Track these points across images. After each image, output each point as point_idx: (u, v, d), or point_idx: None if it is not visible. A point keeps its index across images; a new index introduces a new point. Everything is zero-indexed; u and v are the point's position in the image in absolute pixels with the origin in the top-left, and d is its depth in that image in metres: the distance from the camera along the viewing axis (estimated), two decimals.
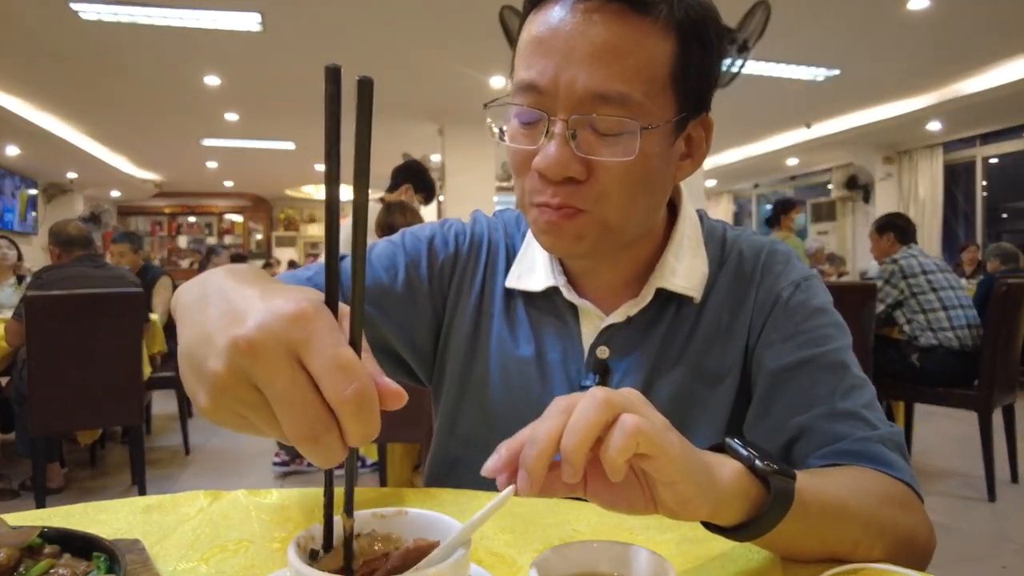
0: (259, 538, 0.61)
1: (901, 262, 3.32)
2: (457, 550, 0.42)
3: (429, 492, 0.74)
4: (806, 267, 0.81)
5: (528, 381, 0.80)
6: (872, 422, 0.70)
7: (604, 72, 0.62)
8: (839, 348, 0.74)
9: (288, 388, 0.36)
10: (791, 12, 4.17)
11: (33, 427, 2.71)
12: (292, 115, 7.97)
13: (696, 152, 0.74)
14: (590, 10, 0.62)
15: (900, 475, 0.66)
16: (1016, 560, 2.40)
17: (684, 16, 0.65)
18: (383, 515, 0.50)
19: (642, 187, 0.67)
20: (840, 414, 0.69)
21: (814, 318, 0.75)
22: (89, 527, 0.56)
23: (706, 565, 0.55)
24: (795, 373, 0.72)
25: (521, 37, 0.68)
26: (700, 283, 0.77)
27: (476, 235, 0.87)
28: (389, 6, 4.77)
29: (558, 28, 0.63)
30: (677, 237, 0.78)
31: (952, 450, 3.68)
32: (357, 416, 0.36)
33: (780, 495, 0.51)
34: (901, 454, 0.69)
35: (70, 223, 3.44)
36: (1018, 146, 8.50)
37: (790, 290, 0.76)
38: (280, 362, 0.36)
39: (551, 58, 0.63)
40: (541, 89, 0.64)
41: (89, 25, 5.12)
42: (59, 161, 9.67)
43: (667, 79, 0.65)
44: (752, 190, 13.14)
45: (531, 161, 0.66)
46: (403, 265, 0.82)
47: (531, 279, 0.80)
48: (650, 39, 0.63)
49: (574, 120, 0.63)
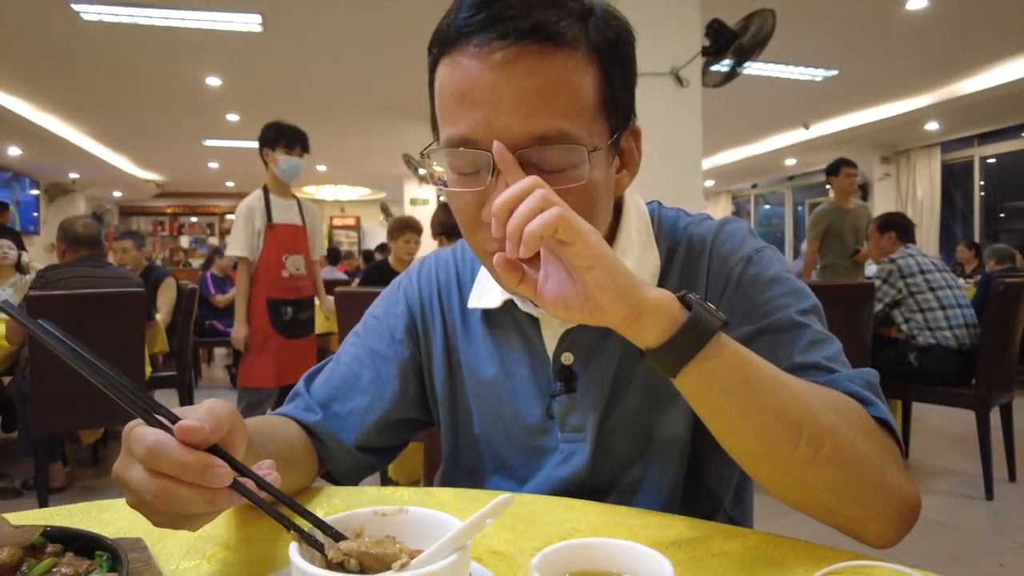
0: (261, 537, 0.62)
1: (899, 261, 3.32)
2: (455, 552, 0.43)
3: (429, 492, 0.75)
4: (758, 240, 0.78)
5: (499, 402, 0.81)
6: (835, 368, 0.67)
7: (538, 114, 0.60)
8: (797, 311, 0.71)
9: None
10: (789, 13, 4.17)
11: (35, 427, 2.71)
12: (293, 115, 7.90)
13: (631, 162, 0.74)
14: (509, 58, 0.59)
15: (873, 411, 0.64)
16: (1014, 558, 2.41)
17: (602, 41, 0.64)
18: (384, 513, 0.50)
19: (592, 213, 0.65)
20: (801, 367, 0.67)
21: (768, 289, 0.73)
22: (91, 526, 0.57)
23: (706, 565, 0.55)
24: (752, 344, 0.68)
25: (438, 90, 0.65)
26: (652, 275, 0.76)
27: (424, 281, 0.89)
28: (389, 7, 4.78)
29: (479, 79, 0.60)
30: (622, 235, 0.77)
31: (950, 449, 3.68)
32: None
33: (698, 323, 0.54)
34: (874, 392, 0.66)
35: (79, 221, 3.39)
36: (1016, 146, 8.50)
37: (741, 265, 0.74)
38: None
39: (480, 110, 0.61)
40: (476, 142, 0.61)
41: (91, 26, 5.12)
42: (61, 161, 9.67)
43: (598, 105, 0.64)
44: (750, 190, 13.14)
45: (478, 210, 0.64)
46: (375, 355, 0.86)
47: (489, 296, 0.80)
48: (575, 73, 0.62)
49: (519, 154, 0.60)
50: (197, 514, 0.48)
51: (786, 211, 12.25)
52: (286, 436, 0.78)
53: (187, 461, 0.45)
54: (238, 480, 0.47)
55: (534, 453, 0.80)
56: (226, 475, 0.46)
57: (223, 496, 0.47)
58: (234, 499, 0.47)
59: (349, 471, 0.84)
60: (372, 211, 15.06)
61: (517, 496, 0.74)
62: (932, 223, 9.31)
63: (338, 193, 14.32)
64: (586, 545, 0.46)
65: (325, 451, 0.82)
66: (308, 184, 13.68)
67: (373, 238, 14.47)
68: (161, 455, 0.45)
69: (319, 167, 11.73)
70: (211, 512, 0.48)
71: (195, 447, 0.46)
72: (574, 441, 0.78)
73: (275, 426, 0.79)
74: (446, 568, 0.42)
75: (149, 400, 0.49)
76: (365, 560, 0.45)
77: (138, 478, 0.46)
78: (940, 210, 9.33)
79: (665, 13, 3.38)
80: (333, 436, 0.82)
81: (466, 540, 0.44)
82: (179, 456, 0.45)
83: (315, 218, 3.49)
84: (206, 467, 0.45)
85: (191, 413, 0.49)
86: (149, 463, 0.46)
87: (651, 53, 3.35)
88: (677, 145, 3.43)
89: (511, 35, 0.59)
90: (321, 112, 7.76)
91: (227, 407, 0.51)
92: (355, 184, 13.69)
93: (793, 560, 0.56)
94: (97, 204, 13.01)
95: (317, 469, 0.82)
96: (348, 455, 0.83)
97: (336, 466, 0.83)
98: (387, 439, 0.87)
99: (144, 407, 0.48)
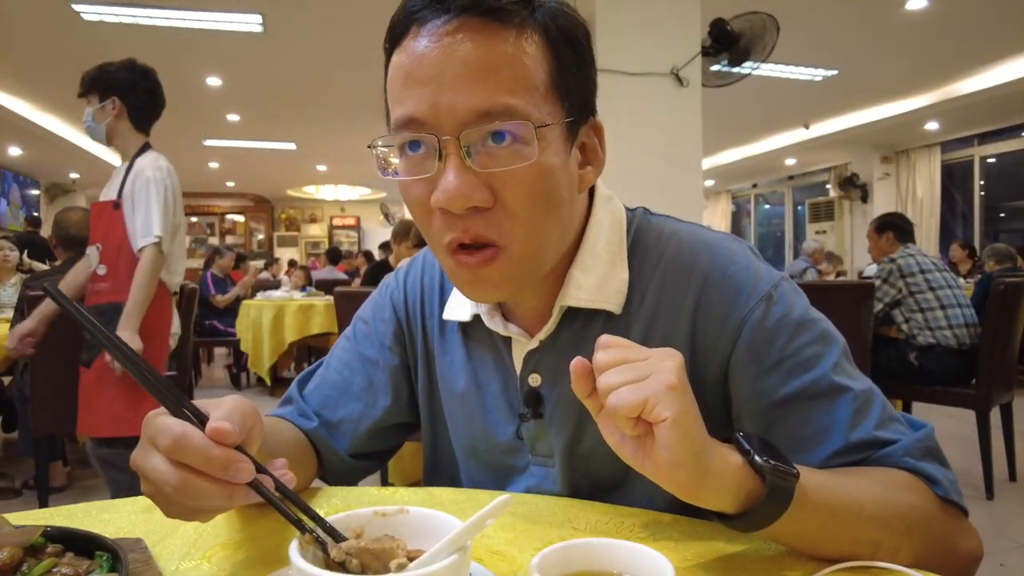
0: (261, 536, 0.62)
1: (899, 261, 3.32)
2: (455, 552, 0.43)
3: (429, 492, 0.75)
4: (769, 269, 0.71)
5: (470, 416, 0.80)
6: (889, 439, 0.64)
7: (483, 88, 0.58)
8: (831, 366, 0.66)
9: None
10: (789, 13, 4.17)
11: (35, 427, 2.71)
12: (293, 116, 7.97)
13: (594, 159, 0.70)
14: (451, 31, 0.59)
15: (939, 490, 0.63)
16: (1014, 558, 2.41)
17: (550, 22, 0.62)
18: (384, 513, 0.50)
19: (548, 204, 0.63)
20: (855, 448, 0.64)
21: (797, 337, 0.66)
22: (91, 526, 0.57)
23: (706, 565, 0.55)
24: (789, 408, 0.66)
25: (389, 79, 0.64)
26: (618, 291, 0.71)
27: (409, 286, 0.87)
28: (389, 7, 4.77)
29: (424, 56, 0.59)
30: (587, 246, 0.72)
31: (950, 449, 3.63)
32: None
33: (776, 492, 0.51)
34: (935, 458, 0.64)
35: (74, 217, 3.16)
36: (1016, 145, 8.50)
37: (762, 308, 0.67)
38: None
39: (424, 87, 0.59)
40: (421, 121, 0.60)
41: (91, 26, 5.12)
42: (61, 161, 9.67)
43: (548, 87, 0.62)
44: (751, 190, 13.14)
45: (428, 200, 0.61)
46: (366, 361, 0.85)
47: (461, 308, 0.78)
48: (521, 50, 0.60)
49: (466, 135, 0.58)
50: (212, 507, 0.49)
51: (786, 211, 12.25)
52: (286, 436, 0.78)
53: (213, 455, 0.46)
54: (256, 478, 0.48)
55: (505, 471, 0.79)
56: (248, 471, 0.47)
57: (241, 492, 0.47)
58: (251, 496, 0.48)
59: (343, 478, 0.84)
60: (372, 211, 15.06)
61: (517, 496, 0.74)
62: (932, 223, 9.32)
63: (338, 193, 14.32)
64: (586, 545, 0.46)
65: (319, 458, 0.82)
66: (308, 184, 13.69)
67: (373, 238, 14.47)
68: (187, 447, 0.46)
69: (319, 167, 11.74)
70: (227, 506, 0.49)
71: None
72: (544, 465, 0.76)
73: (276, 425, 0.79)
74: (446, 568, 0.42)
75: (176, 392, 0.50)
76: (364, 557, 0.45)
77: (159, 468, 0.47)
78: (940, 210, 9.33)
79: (665, 13, 3.38)
80: (327, 444, 0.82)
81: (466, 540, 0.44)
82: (205, 449, 0.46)
83: (148, 187, 2.18)
84: (230, 462, 0.46)
85: (214, 408, 0.50)
86: (173, 454, 0.46)
87: (651, 53, 3.35)
88: (677, 145, 3.43)
89: (452, 11, 0.59)
90: (321, 112, 7.76)
91: (250, 406, 0.52)
92: (355, 184, 13.69)
93: (793, 560, 0.56)
94: None
95: (316, 470, 0.82)
96: (342, 463, 0.83)
97: (330, 473, 0.83)
98: (380, 444, 0.87)
99: (173, 398, 0.49)
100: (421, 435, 0.89)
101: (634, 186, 3.12)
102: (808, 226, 10.87)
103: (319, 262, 11.78)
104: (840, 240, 10.26)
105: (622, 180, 3.18)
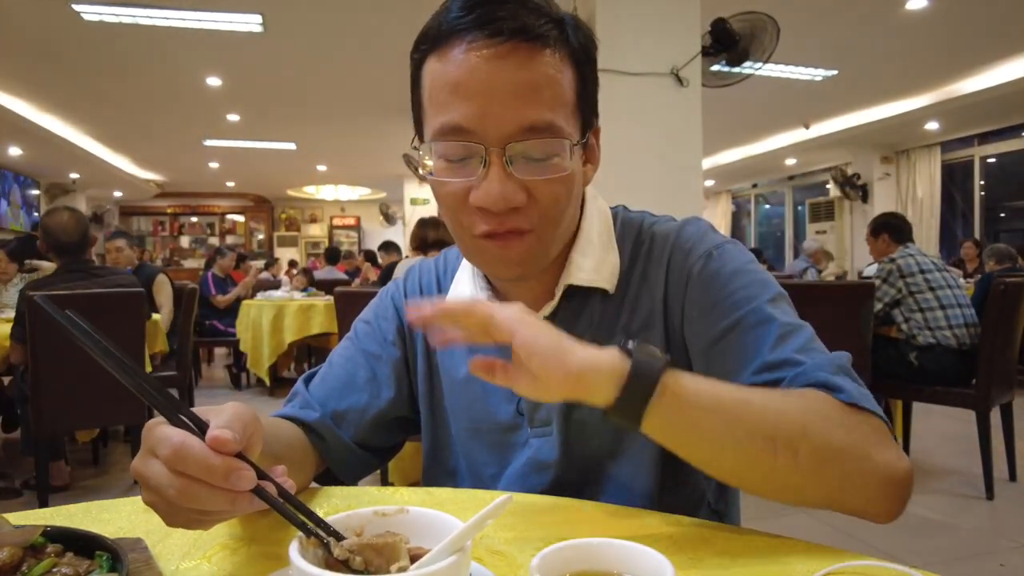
0: (261, 537, 0.62)
1: (899, 261, 3.32)
2: (455, 552, 0.43)
3: (429, 492, 0.75)
4: (720, 236, 0.79)
5: (472, 401, 0.84)
6: (804, 360, 0.67)
7: (529, 107, 0.66)
8: (761, 303, 0.71)
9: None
10: (789, 13, 4.17)
11: (36, 427, 2.71)
12: (293, 116, 7.98)
13: (593, 157, 0.78)
14: (501, 54, 0.65)
15: (844, 396, 0.63)
16: (1014, 558, 2.41)
17: (577, 45, 0.70)
18: (384, 513, 0.50)
19: (569, 200, 0.72)
20: (772, 366, 0.67)
21: (731, 283, 0.73)
22: (92, 526, 0.57)
23: (706, 565, 0.55)
24: (721, 343, 0.71)
25: (428, 82, 0.70)
26: (611, 274, 0.79)
27: (409, 286, 0.93)
28: (389, 7, 4.78)
29: (475, 69, 0.65)
30: (584, 235, 0.79)
31: (950, 449, 3.68)
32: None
33: (641, 366, 0.56)
34: (845, 375, 0.65)
35: (61, 223, 3.03)
36: (1016, 145, 8.50)
37: (701, 262, 0.76)
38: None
39: (474, 100, 0.66)
40: (469, 130, 0.66)
41: (91, 26, 5.12)
42: (61, 161, 9.67)
43: (574, 102, 0.70)
44: (751, 190, 13.14)
45: (466, 196, 0.69)
46: (369, 356, 0.89)
47: (461, 295, 0.84)
48: (558, 71, 0.68)
49: (511, 147, 0.66)
50: (214, 515, 0.49)
51: (786, 211, 12.25)
52: (287, 436, 0.79)
53: (213, 464, 0.46)
54: (258, 484, 0.48)
55: (506, 449, 0.82)
56: (250, 479, 0.47)
57: (244, 499, 0.47)
58: (255, 503, 0.48)
59: (348, 467, 0.85)
60: (372, 211, 15.06)
61: (517, 496, 0.74)
62: (932, 223, 9.32)
63: (338, 193, 14.33)
64: (586, 545, 0.46)
65: (324, 447, 0.83)
66: (308, 184, 13.69)
67: (373, 238, 14.47)
68: (187, 457, 0.46)
69: (319, 167, 11.74)
70: (229, 513, 0.50)
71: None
72: (542, 435, 0.80)
73: (277, 426, 0.80)
74: (446, 569, 0.42)
75: (174, 400, 0.50)
76: (366, 553, 0.45)
77: (159, 476, 0.47)
78: (940, 210, 9.34)
79: (665, 13, 3.38)
80: (332, 432, 0.83)
81: (466, 541, 0.44)
82: (205, 458, 0.46)
83: None
84: (231, 470, 0.46)
85: (215, 415, 0.50)
86: (174, 464, 0.46)
87: (651, 53, 3.35)
88: (677, 145, 3.43)
89: (504, 33, 0.65)
90: (321, 112, 7.76)
91: (250, 412, 0.52)
92: (355, 184, 13.70)
93: (793, 560, 0.56)
94: (97, 204, 13.01)
95: (315, 470, 0.83)
96: (347, 450, 0.84)
97: (335, 461, 0.84)
98: (384, 438, 0.89)
99: (170, 407, 0.49)
100: (421, 428, 0.91)
101: (634, 186, 3.12)
102: (808, 226, 10.87)
103: (319, 262, 11.79)
104: (840, 240, 10.26)
105: (622, 180, 3.19)
